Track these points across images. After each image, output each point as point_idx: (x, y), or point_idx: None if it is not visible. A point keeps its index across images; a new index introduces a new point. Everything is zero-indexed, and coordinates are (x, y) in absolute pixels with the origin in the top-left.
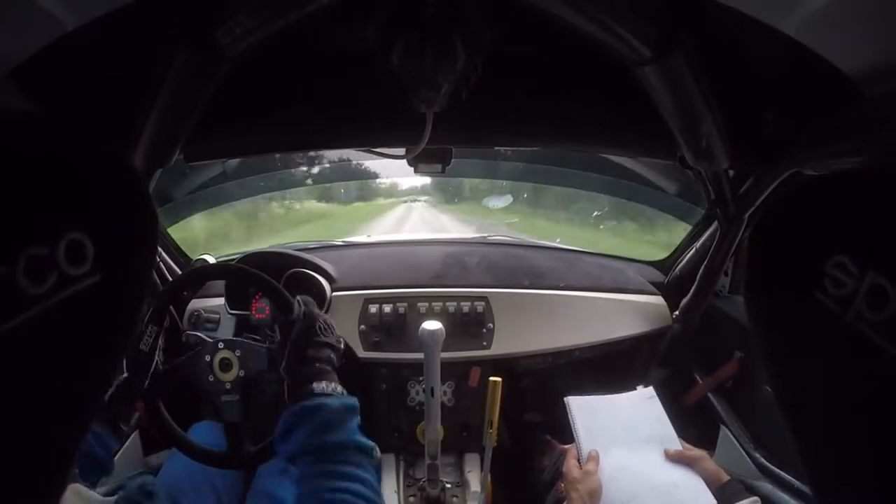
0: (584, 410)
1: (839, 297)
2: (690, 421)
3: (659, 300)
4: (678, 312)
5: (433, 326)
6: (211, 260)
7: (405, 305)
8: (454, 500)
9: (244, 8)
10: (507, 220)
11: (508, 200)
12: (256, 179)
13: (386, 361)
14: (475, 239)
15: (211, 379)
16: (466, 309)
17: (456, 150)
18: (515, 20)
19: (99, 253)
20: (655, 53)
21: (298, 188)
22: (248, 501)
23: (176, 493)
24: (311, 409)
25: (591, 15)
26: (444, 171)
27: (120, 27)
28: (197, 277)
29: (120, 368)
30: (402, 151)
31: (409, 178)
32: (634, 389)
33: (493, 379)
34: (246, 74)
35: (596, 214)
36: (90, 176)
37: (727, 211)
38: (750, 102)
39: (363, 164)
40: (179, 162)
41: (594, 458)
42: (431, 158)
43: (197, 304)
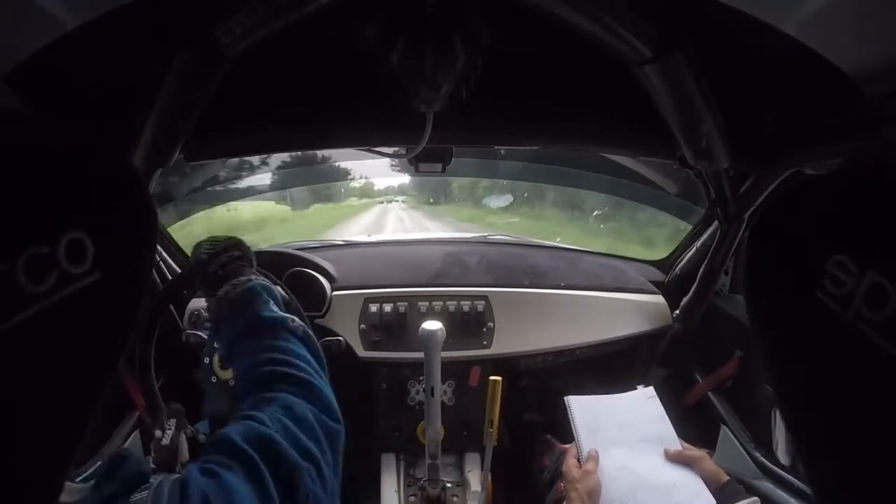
0: (584, 410)
1: (839, 296)
2: (690, 420)
3: (659, 299)
4: (678, 312)
5: (433, 326)
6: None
7: (405, 305)
8: (454, 499)
9: (244, 8)
10: (503, 221)
11: (509, 200)
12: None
13: (386, 361)
14: (475, 238)
15: (214, 380)
16: (467, 308)
17: (456, 149)
18: (515, 20)
19: (99, 252)
20: (656, 53)
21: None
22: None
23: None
24: (220, 300)
25: (591, 14)
26: (444, 170)
27: (120, 27)
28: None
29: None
30: (402, 151)
31: (384, 176)
32: (635, 389)
33: (493, 378)
34: (246, 74)
35: (596, 214)
36: (90, 175)
37: (727, 210)
38: (750, 102)
39: (332, 160)
40: (179, 161)
41: (594, 457)
42: (431, 158)
43: (197, 303)
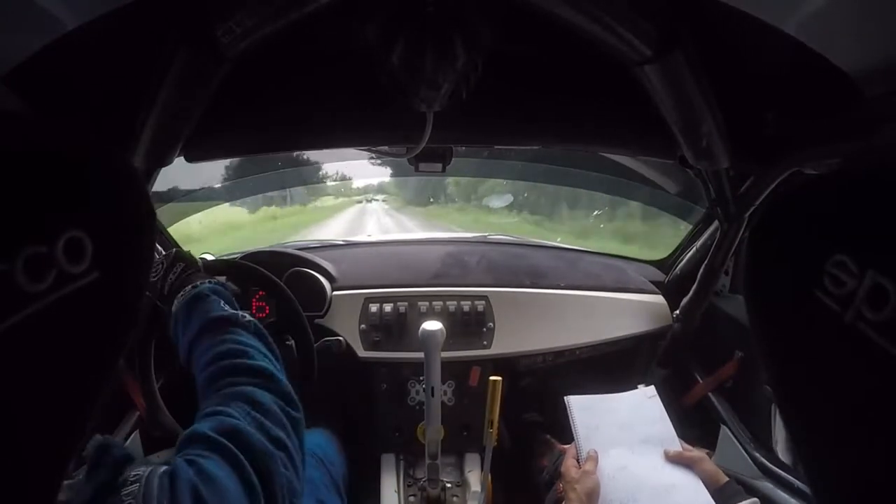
0: (584, 410)
1: (839, 296)
2: (691, 421)
3: (659, 299)
4: (678, 312)
5: (433, 326)
6: (211, 259)
7: (405, 305)
8: (454, 499)
9: (244, 8)
10: (499, 223)
11: (509, 200)
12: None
13: (386, 361)
14: (475, 238)
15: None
16: (467, 308)
17: (455, 149)
18: (515, 20)
19: (98, 251)
20: (656, 53)
21: None
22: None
23: None
24: (178, 306)
25: (591, 14)
26: (444, 170)
27: (120, 27)
28: (219, 268)
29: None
30: (402, 151)
31: (362, 170)
32: (635, 388)
33: (493, 378)
34: (246, 74)
35: (596, 214)
36: (89, 174)
37: (728, 210)
38: (750, 102)
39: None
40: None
41: (593, 457)
42: (431, 158)
43: None
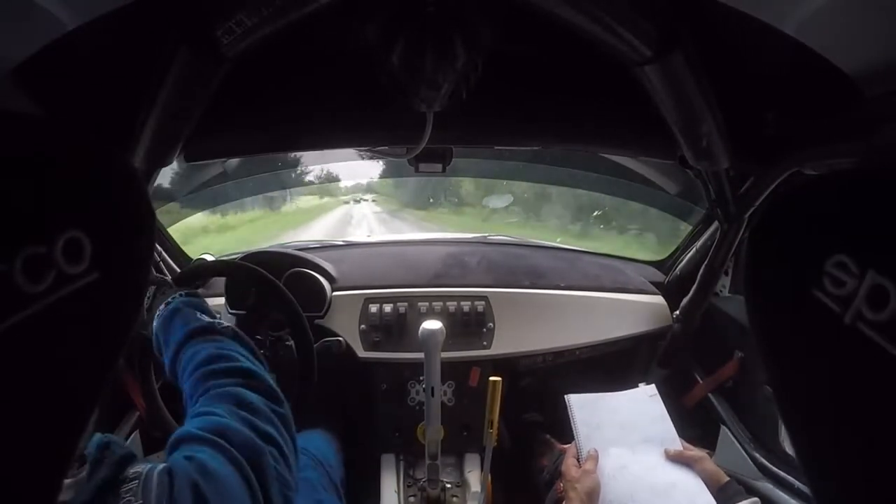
0: (584, 408)
1: (839, 296)
2: (691, 421)
3: (659, 300)
4: (678, 312)
5: (433, 326)
6: (211, 259)
7: (405, 305)
8: (454, 500)
9: (244, 8)
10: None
11: (509, 200)
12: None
13: (386, 361)
14: (475, 238)
15: None
16: (467, 308)
17: (456, 149)
18: (516, 20)
19: (97, 251)
20: (656, 53)
21: None
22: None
23: None
24: (157, 325)
25: (591, 14)
26: (444, 170)
27: (120, 27)
28: (196, 274)
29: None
30: (402, 151)
31: (349, 169)
32: (636, 387)
33: (493, 379)
34: (246, 74)
35: (596, 214)
36: (88, 174)
37: (728, 210)
38: (750, 102)
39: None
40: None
41: (593, 457)
42: (431, 158)
43: None
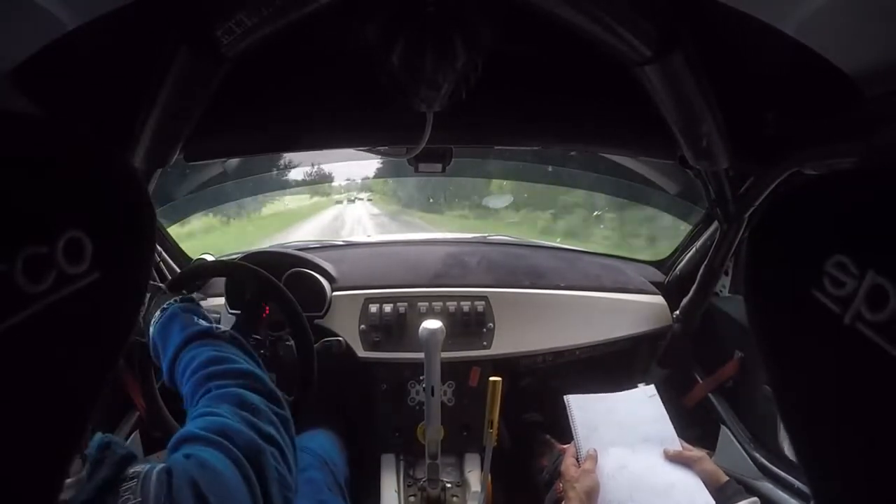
0: (583, 409)
1: (838, 297)
2: (691, 421)
3: (659, 300)
4: (678, 312)
5: (433, 326)
6: (211, 259)
7: (405, 305)
8: (454, 499)
9: (244, 8)
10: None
11: (509, 200)
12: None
13: (386, 361)
14: (475, 238)
15: None
16: (467, 308)
17: (456, 149)
18: (516, 20)
19: (97, 251)
20: (656, 53)
21: None
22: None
23: None
24: (154, 331)
25: (591, 14)
26: (444, 170)
27: (120, 27)
28: (196, 274)
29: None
30: (401, 151)
31: (341, 165)
32: (635, 388)
33: (493, 379)
34: (246, 74)
35: (596, 214)
36: (89, 175)
37: (727, 210)
38: (750, 102)
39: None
40: (179, 161)
41: (592, 457)
42: (431, 158)
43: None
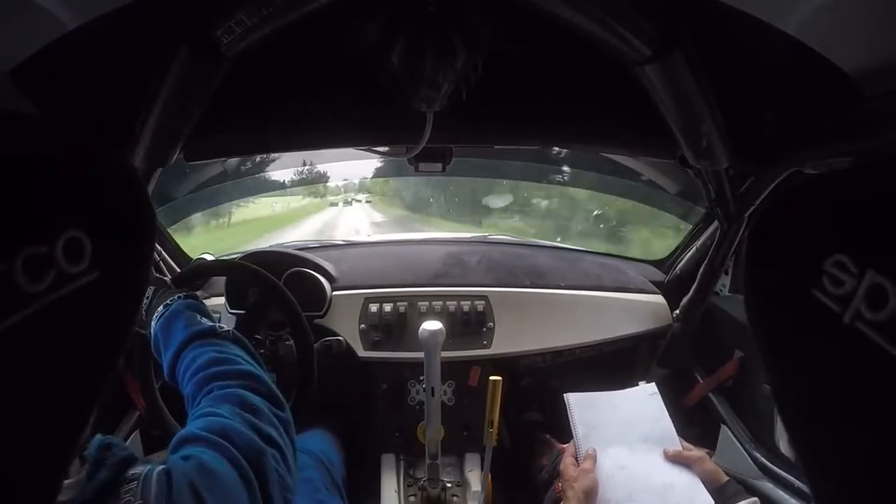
0: (583, 407)
1: (838, 296)
2: (691, 420)
3: (659, 299)
4: (678, 312)
5: (433, 326)
6: (210, 259)
7: (405, 304)
8: (454, 499)
9: (244, 7)
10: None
11: (508, 200)
12: None
13: (386, 361)
14: (475, 238)
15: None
16: (467, 308)
17: (456, 149)
18: (516, 20)
19: (97, 251)
20: (656, 52)
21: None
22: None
23: None
24: (156, 327)
25: (591, 14)
26: (444, 170)
27: (120, 27)
28: (196, 273)
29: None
30: (402, 150)
31: (336, 165)
32: (636, 385)
33: (493, 378)
34: (246, 74)
35: (596, 214)
36: (89, 174)
37: (728, 210)
38: (750, 102)
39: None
40: (179, 161)
41: (591, 456)
42: (431, 158)
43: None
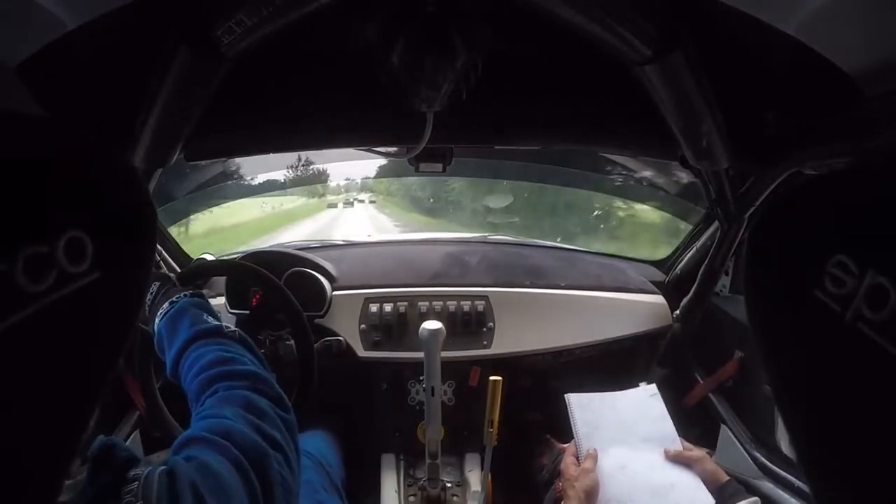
0: (584, 407)
1: (839, 296)
2: (691, 420)
3: (659, 300)
4: (679, 312)
5: (433, 326)
6: (211, 259)
7: (406, 304)
8: (454, 499)
9: (244, 7)
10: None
11: (508, 200)
12: None
13: (386, 361)
14: (475, 238)
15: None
16: (467, 308)
17: (456, 149)
18: (516, 20)
19: (98, 251)
20: (656, 53)
21: None
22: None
23: None
24: (161, 323)
25: (591, 14)
26: (444, 170)
27: (120, 27)
28: (197, 273)
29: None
30: (402, 151)
31: (336, 162)
32: (636, 387)
33: (493, 378)
34: (246, 74)
35: (596, 214)
36: (90, 174)
37: (728, 210)
38: (750, 102)
39: None
40: (179, 161)
41: (592, 456)
42: (432, 158)
43: None
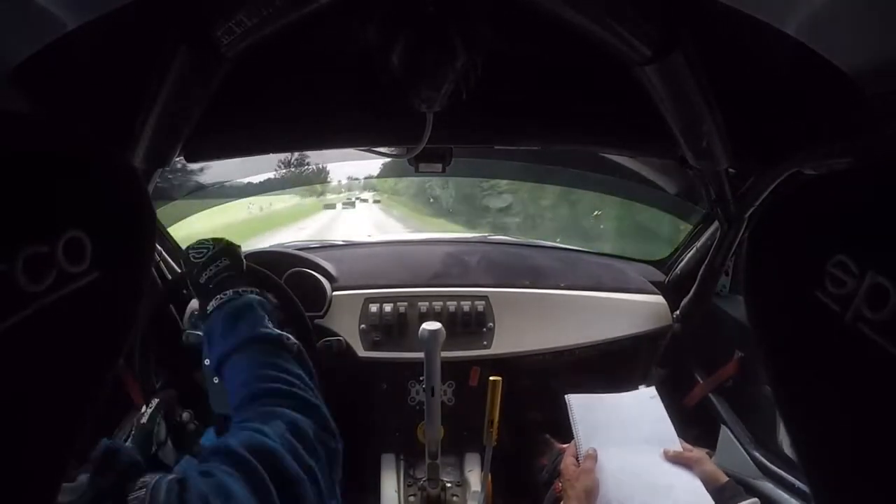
0: (584, 408)
1: (839, 296)
2: (691, 421)
3: (659, 300)
4: (679, 312)
5: (433, 326)
6: None
7: (406, 305)
8: (454, 499)
9: (244, 8)
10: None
11: (508, 201)
12: None
13: (386, 361)
14: (475, 238)
15: (216, 381)
16: (467, 308)
17: (456, 149)
18: (516, 20)
19: (97, 251)
20: (656, 53)
21: None
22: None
23: None
24: (213, 313)
25: (592, 14)
26: (444, 170)
27: (120, 27)
28: None
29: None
30: (402, 151)
31: (338, 162)
32: (636, 389)
33: (493, 378)
34: (246, 74)
35: (596, 214)
36: (89, 174)
37: (728, 210)
38: (750, 102)
39: None
40: (179, 161)
41: (592, 456)
42: (432, 158)
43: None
